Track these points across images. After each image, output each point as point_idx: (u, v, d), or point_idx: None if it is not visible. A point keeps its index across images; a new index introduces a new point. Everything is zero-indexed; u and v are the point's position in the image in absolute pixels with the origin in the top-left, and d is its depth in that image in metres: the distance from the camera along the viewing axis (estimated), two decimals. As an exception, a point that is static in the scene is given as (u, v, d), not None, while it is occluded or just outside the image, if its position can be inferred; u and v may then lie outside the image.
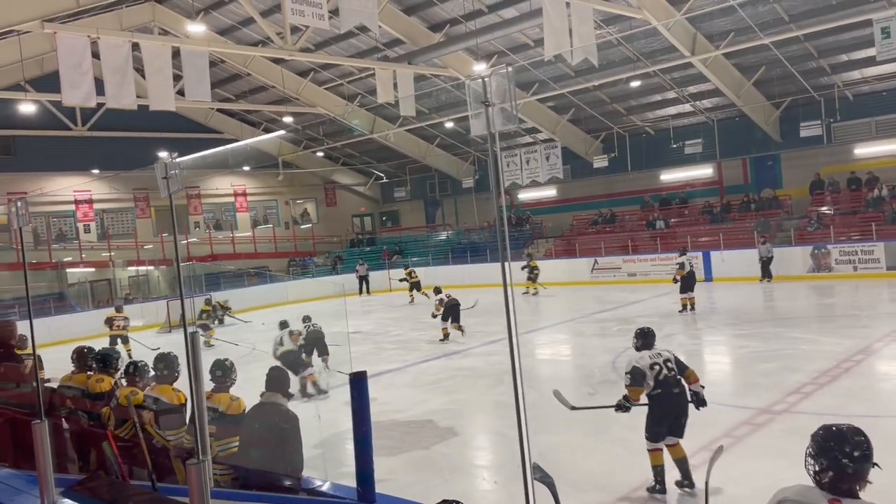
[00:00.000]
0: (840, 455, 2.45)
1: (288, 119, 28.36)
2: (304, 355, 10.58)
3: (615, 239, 26.10)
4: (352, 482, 4.08)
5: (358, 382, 3.93)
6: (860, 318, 13.51)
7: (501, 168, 1.84)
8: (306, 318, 11.51)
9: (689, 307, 16.08)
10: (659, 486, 5.85)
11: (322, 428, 8.30)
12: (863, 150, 22.69)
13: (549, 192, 30.58)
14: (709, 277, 21.94)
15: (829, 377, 9.04)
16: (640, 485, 6.07)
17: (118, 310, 16.93)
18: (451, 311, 14.85)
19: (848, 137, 22.54)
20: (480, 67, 20.85)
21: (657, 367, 5.98)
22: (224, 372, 4.86)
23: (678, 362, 6.12)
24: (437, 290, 15.79)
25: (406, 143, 29.94)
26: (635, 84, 22.63)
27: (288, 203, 35.46)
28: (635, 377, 5.96)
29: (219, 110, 28.96)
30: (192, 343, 3.09)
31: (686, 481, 5.88)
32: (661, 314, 16.50)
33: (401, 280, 24.98)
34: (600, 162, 26.12)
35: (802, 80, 21.57)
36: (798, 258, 20.66)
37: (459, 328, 14.87)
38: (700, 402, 6.00)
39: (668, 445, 5.94)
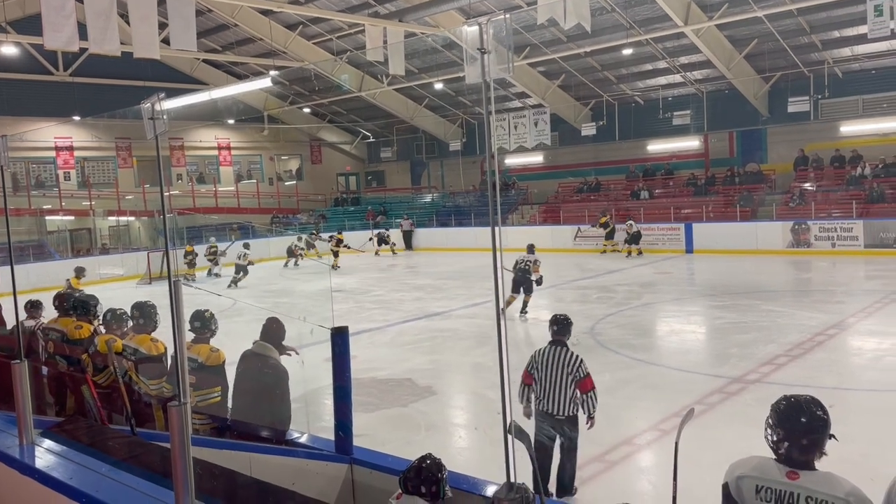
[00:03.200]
0: (796, 426, 2.50)
1: (275, 73, 27.91)
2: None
3: (599, 207, 26.18)
4: (330, 435, 4.15)
5: (339, 336, 3.98)
6: (835, 294, 13.74)
7: (493, 123, 1.84)
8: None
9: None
10: None
11: (305, 382, 8.37)
12: (848, 128, 22.80)
13: (536, 158, 30.50)
14: (690, 249, 22.15)
15: (802, 349, 9.22)
16: (613, 447, 6.21)
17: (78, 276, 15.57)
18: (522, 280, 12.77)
19: (835, 114, 22.62)
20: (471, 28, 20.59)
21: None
22: (203, 323, 4.86)
23: None
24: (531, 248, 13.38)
25: (394, 103, 29.63)
26: (627, 52, 22.46)
27: (272, 159, 35.09)
28: None
29: (204, 61, 28.42)
30: (176, 292, 3.10)
31: None
32: (640, 283, 16.68)
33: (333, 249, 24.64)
34: (588, 130, 26.04)
35: (793, 54, 21.53)
36: (778, 233, 20.88)
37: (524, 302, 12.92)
38: None
39: None
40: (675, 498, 2.77)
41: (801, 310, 12.32)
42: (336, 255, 23.52)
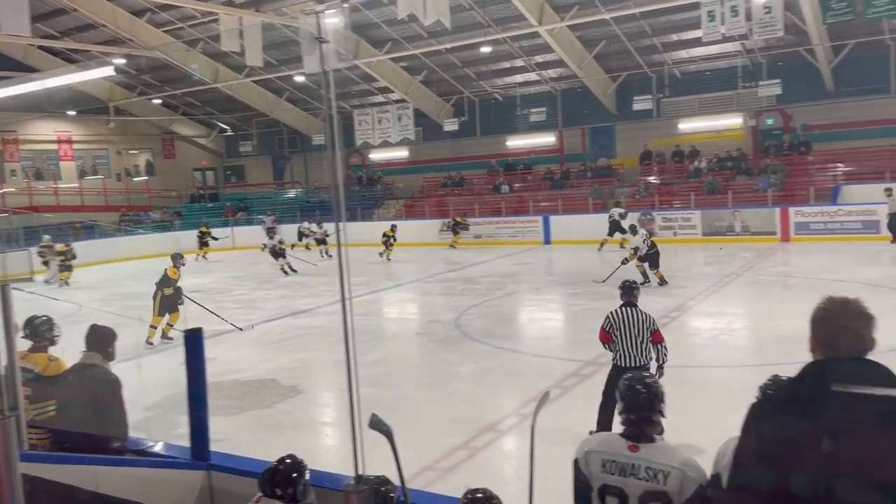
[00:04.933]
0: (633, 402, 2.76)
1: (119, 61, 26.14)
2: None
3: (463, 202, 26.74)
4: (187, 442, 3.96)
5: (193, 339, 3.81)
6: (678, 279, 14.83)
7: (336, 122, 1.81)
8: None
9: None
10: None
11: (158, 389, 7.94)
12: (686, 126, 24.69)
13: (401, 153, 30.64)
14: (548, 241, 23.13)
15: (649, 332, 9.89)
16: (477, 434, 6.37)
17: None
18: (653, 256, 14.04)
19: (674, 113, 24.42)
20: (334, 20, 20.31)
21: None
22: (35, 330, 4.47)
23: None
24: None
25: (253, 95, 28.69)
26: (486, 50, 23.06)
27: (120, 153, 32.90)
28: None
29: (40, 47, 26.11)
30: (4, 297, 2.86)
31: None
32: (503, 274, 17.22)
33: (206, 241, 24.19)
34: (451, 125, 26.50)
35: (637, 56, 22.99)
36: (626, 224, 22.22)
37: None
38: None
39: None
40: (531, 479, 2.88)
41: (646, 295, 13.11)
42: (205, 245, 23.33)
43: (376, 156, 31.39)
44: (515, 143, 28.16)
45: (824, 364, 1.86)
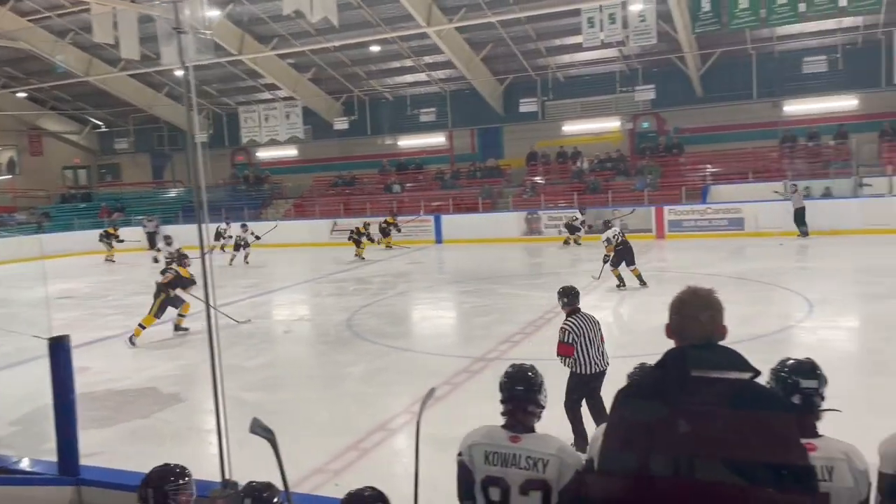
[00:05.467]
0: (511, 393, 2.86)
1: (-22, 51, 24.14)
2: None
3: (355, 201, 26.55)
4: (55, 457, 3.74)
5: (58, 346, 3.59)
6: (562, 275, 15.34)
7: (196, 118, 1.76)
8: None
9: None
10: None
11: (26, 401, 7.40)
12: (570, 128, 25.62)
13: (290, 152, 30.02)
14: (439, 240, 23.36)
15: (535, 327, 10.20)
16: (368, 434, 6.35)
17: None
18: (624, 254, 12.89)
19: (558, 115, 25.27)
20: (215, 14, 19.64)
21: None
22: None
23: None
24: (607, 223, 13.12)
25: (129, 90, 27.23)
26: (375, 49, 23.00)
27: (-21, 150, 30.36)
28: None
29: None
30: None
31: None
32: (395, 274, 17.24)
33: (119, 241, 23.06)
34: (341, 124, 26.25)
35: (523, 59, 23.63)
36: (515, 222, 22.85)
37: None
38: None
39: None
40: (416, 475, 2.90)
41: (534, 291, 13.61)
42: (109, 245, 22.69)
43: (264, 154, 30.59)
44: (407, 142, 28.24)
45: (681, 350, 1.99)
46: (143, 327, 10.52)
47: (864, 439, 2.47)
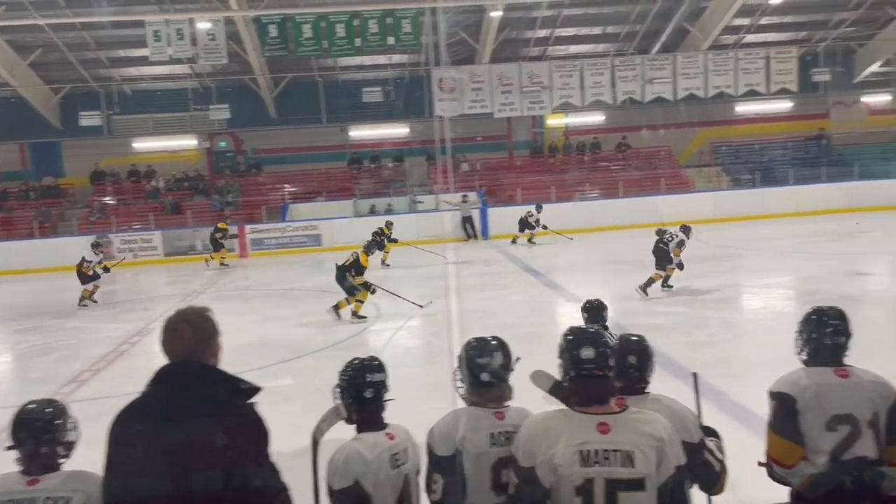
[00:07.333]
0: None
1: None
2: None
3: None
4: None
5: None
6: (139, 302, 14.34)
7: None
8: None
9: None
10: None
11: None
12: (141, 145, 24.10)
13: None
14: None
15: (106, 361, 9.29)
16: None
17: None
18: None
19: (128, 131, 23.50)
20: None
21: None
22: None
23: None
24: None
25: None
26: None
27: None
28: None
29: None
30: None
31: None
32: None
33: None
34: None
35: (81, 68, 21.46)
36: (80, 248, 20.43)
37: None
38: None
39: None
40: None
41: (106, 322, 12.41)
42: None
43: None
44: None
45: (168, 367, 2.11)
46: (361, 302, 10.72)
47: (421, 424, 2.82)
